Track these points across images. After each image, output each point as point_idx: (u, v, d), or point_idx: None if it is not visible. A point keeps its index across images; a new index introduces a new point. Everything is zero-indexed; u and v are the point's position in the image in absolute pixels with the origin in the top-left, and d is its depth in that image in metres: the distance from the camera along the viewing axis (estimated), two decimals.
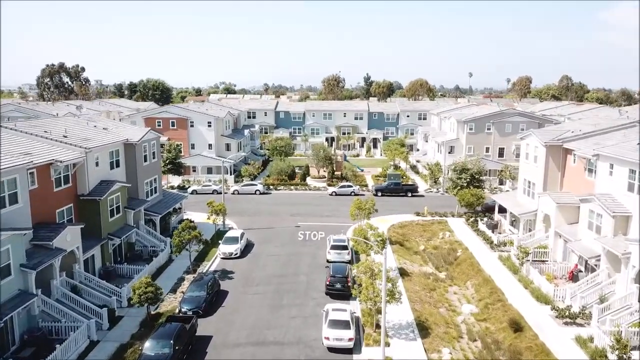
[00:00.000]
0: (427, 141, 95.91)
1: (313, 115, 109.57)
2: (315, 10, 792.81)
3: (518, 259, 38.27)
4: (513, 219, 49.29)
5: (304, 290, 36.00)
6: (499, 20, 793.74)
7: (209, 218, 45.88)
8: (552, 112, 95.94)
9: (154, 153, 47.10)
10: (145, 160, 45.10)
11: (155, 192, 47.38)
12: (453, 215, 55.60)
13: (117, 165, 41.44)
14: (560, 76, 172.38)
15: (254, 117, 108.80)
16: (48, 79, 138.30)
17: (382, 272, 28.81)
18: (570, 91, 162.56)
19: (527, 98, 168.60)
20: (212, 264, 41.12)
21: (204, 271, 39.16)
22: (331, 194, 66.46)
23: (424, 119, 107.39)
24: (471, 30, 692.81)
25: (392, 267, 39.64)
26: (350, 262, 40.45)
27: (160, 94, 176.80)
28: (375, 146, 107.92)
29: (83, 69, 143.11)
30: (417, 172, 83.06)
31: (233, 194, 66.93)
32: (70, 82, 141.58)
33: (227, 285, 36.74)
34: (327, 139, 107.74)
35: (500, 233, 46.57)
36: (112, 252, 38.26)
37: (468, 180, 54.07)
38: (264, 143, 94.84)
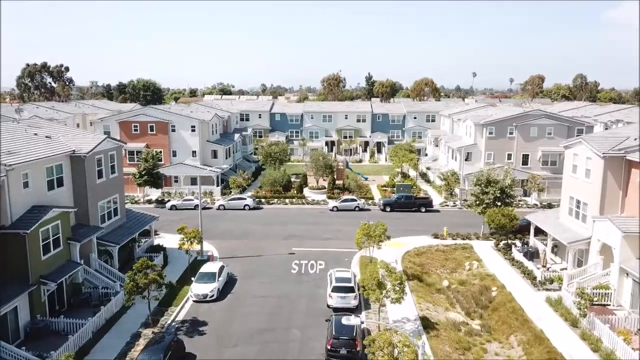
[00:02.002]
0: (437, 145, 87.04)
1: (312, 117, 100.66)
2: (315, 11, 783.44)
3: (579, 307, 29.25)
4: (555, 244, 40.40)
5: (296, 354, 26.99)
6: (499, 20, 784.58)
7: (180, 247, 36.83)
8: (573, 114, 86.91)
9: (113, 166, 38.09)
10: (101, 176, 36.11)
11: (116, 214, 38.37)
12: (478, 238, 46.65)
13: (60, 185, 32.46)
14: (558, 75, 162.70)
15: (247, 120, 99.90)
16: (28, 80, 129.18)
17: (407, 347, 19.90)
18: (585, 90, 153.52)
19: (537, 98, 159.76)
20: (180, 311, 32.10)
21: (169, 323, 30.21)
22: (332, 209, 57.45)
23: (433, 120, 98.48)
24: (471, 31, 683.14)
25: (412, 316, 30.73)
26: (357, 307, 31.60)
27: (151, 94, 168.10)
28: (379, 151, 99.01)
29: (67, 69, 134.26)
30: (429, 181, 74.03)
31: (218, 209, 57.93)
32: (52, 83, 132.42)
33: (196, 345, 27.74)
34: (327, 143, 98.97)
35: (545, 266, 37.46)
36: (47, 300, 29.26)
37: (496, 195, 45.08)
38: (256, 148, 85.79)
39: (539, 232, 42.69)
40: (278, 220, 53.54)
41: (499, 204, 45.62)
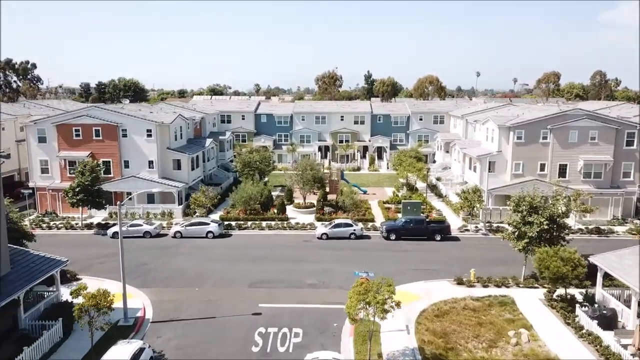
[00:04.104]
0: (448, 151, 74.34)
1: (302, 119, 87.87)
2: (313, 11, 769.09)
3: None
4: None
5: None
6: (499, 21, 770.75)
7: (78, 319, 23.90)
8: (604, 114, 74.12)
9: None
10: None
11: None
12: (518, 284, 33.86)
13: None
14: (563, 74, 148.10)
15: (228, 122, 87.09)
16: None
17: None
18: (605, 89, 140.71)
19: (550, 97, 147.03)
20: None
21: None
22: (320, 237, 44.68)
23: (441, 122, 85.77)
24: (471, 31, 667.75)
25: None
26: None
27: (133, 95, 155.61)
28: (380, 157, 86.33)
29: (34, 66, 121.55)
30: (441, 196, 61.33)
31: (174, 237, 45.14)
32: (17, 82, 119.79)
33: None
34: (320, 148, 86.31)
35: (637, 347, 24.54)
36: None
37: (545, 226, 32.34)
38: (235, 155, 72.59)
39: (605, 276, 30.10)
40: (248, 254, 40.70)
41: (545, 235, 32.96)
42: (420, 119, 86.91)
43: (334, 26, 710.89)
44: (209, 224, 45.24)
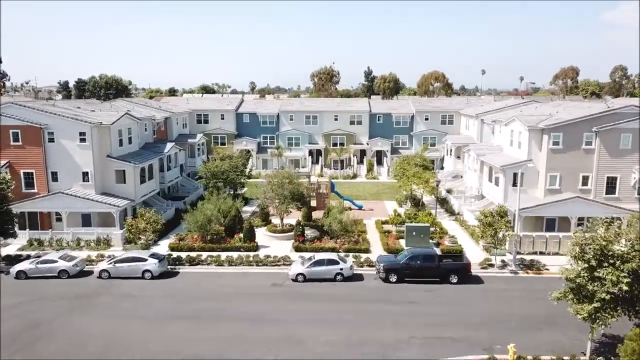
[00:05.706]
0: (459, 157, 62.97)
1: (291, 119, 76.43)
2: (313, 11, 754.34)
3: None
4: None
5: None
6: (499, 20, 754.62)
7: None
8: None
9: None
10: None
11: None
12: None
13: None
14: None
15: (205, 122, 75.74)
16: None
17: None
18: (627, 86, 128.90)
19: (567, 95, 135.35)
20: None
21: None
22: (295, 279, 33.18)
23: (450, 122, 74.23)
24: (474, 31, 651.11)
25: None
26: None
27: (115, 93, 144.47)
28: (380, 162, 74.90)
29: None
30: (453, 213, 49.90)
31: (100, 277, 33.70)
32: None
33: None
34: (310, 152, 74.98)
35: None
36: None
37: (626, 286, 20.99)
38: (203, 162, 60.65)
39: None
40: (189, 308, 29.21)
41: (625, 294, 21.54)
42: (426, 119, 75.36)
43: (334, 26, 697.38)
44: (145, 259, 33.70)
